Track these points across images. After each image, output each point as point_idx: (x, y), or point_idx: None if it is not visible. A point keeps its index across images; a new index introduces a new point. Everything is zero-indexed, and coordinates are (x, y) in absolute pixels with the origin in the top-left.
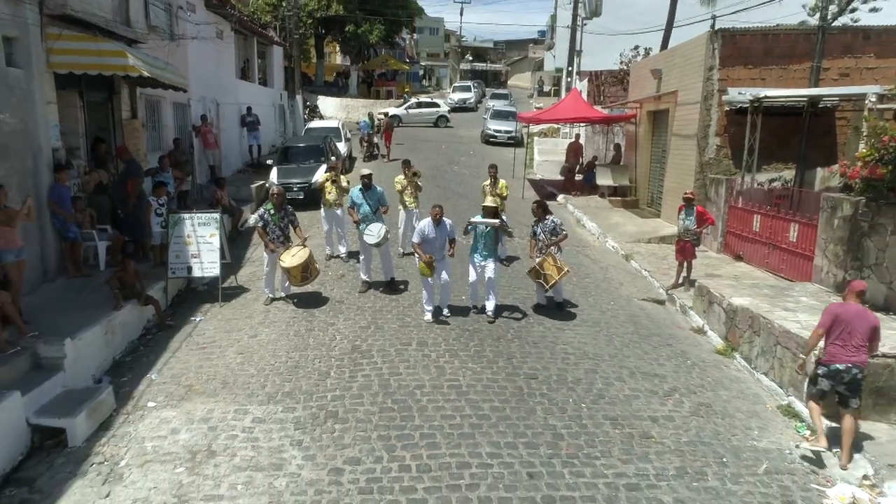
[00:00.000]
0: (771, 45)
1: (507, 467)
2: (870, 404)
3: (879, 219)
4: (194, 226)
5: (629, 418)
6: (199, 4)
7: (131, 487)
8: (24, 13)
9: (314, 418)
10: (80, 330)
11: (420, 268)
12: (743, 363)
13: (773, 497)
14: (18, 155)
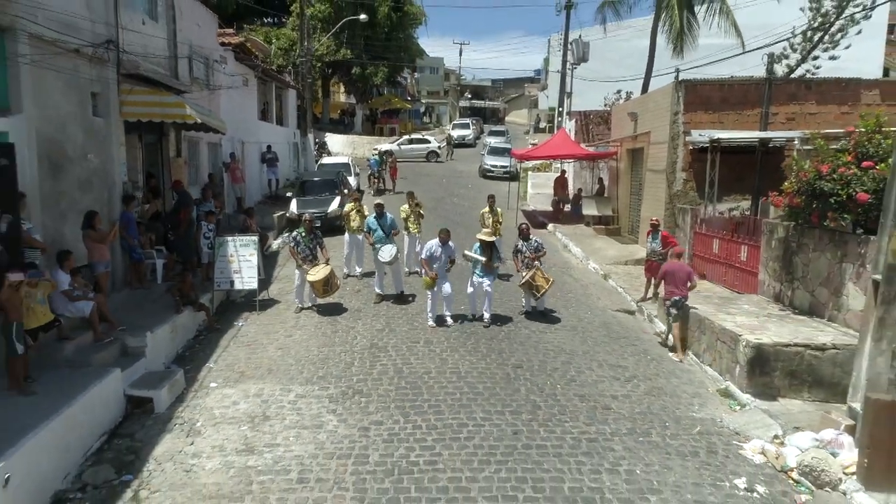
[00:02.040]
0: (727, 93)
1: (495, 427)
2: (786, 384)
3: (803, 240)
4: (236, 247)
5: (594, 396)
6: (230, 58)
7: (209, 439)
8: (107, 74)
9: (344, 394)
10: (155, 327)
11: (424, 281)
12: (694, 358)
13: (701, 448)
14: (99, 188)
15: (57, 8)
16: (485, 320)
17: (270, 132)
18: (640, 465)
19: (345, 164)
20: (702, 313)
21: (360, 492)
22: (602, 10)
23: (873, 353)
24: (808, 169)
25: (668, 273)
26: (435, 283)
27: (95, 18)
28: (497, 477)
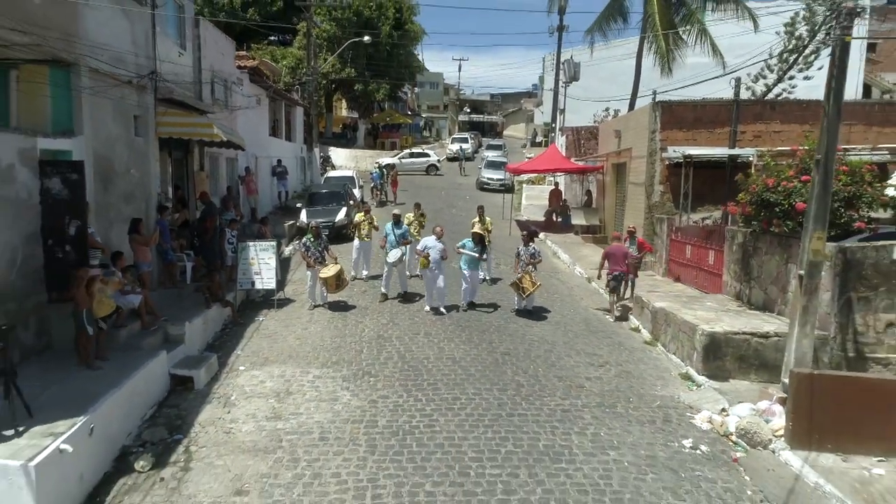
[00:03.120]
0: (700, 113)
1: (484, 400)
2: (736, 367)
3: (757, 244)
4: (257, 251)
5: (570, 377)
6: (245, 80)
7: (242, 408)
8: (147, 99)
9: (355, 375)
10: (190, 319)
11: (421, 262)
12: (662, 349)
13: (658, 418)
14: (139, 199)
15: (110, 45)
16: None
17: (280, 147)
18: (604, 429)
19: (350, 177)
20: (668, 309)
21: (371, 447)
22: (591, 33)
23: (799, 336)
24: (758, 182)
25: (609, 254)
26: (429, 262)
27: (139, 52)
28: (484, 437)
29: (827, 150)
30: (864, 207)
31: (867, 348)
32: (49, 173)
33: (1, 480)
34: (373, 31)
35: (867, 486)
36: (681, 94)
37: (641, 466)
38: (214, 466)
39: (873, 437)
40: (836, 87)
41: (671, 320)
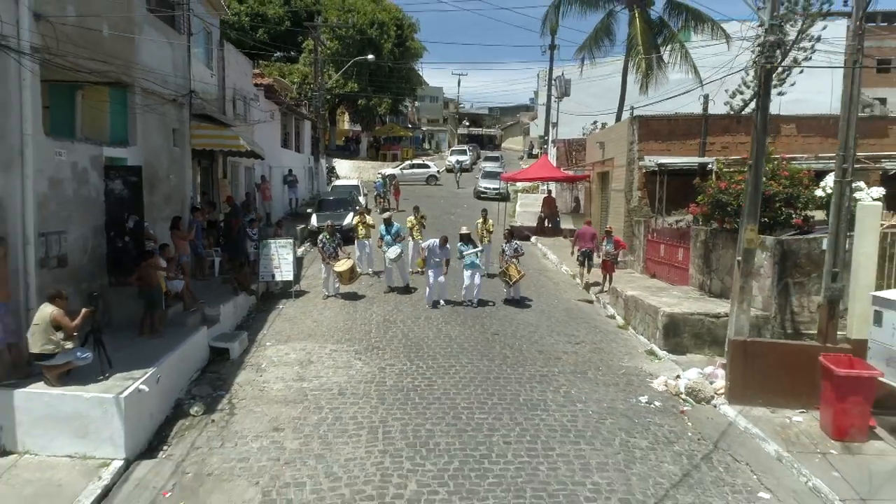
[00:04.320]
0: (673, 126)
1: (475, 367)
2: (692, 343)
3: (716, 240)
4: (277, 247)
5: (549, 351)
6: (261, 96)
7: (272, 373)
8: (183, 114)
9: (366, 349)
10: (223, 304)
11: (417, 262)
12: (632, 331)
13: (622, 381)
14: (176, 201)
15: (157, 69)
16: (473, 303)
17: (290, 158)
18: (574, 389)
19: (355, 185)
20: (638, 296)
21: (381, 399)
22: (581, 52)
23: (738, 312)
24: (713, 185)
25: (580, 234)
26: (425, 262)
27: (178, 74)
28: (474, 393)
29: (756, 158)
30: (801, 207)
31: (802, 326)
32: (112, 176)
33: (97, 409)
34: (375, 49)
35: (786, 429)
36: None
37: (603, 415)
38: (254, 413)
39: (795, 393)
40: (763, 106)
41: (639, 306)
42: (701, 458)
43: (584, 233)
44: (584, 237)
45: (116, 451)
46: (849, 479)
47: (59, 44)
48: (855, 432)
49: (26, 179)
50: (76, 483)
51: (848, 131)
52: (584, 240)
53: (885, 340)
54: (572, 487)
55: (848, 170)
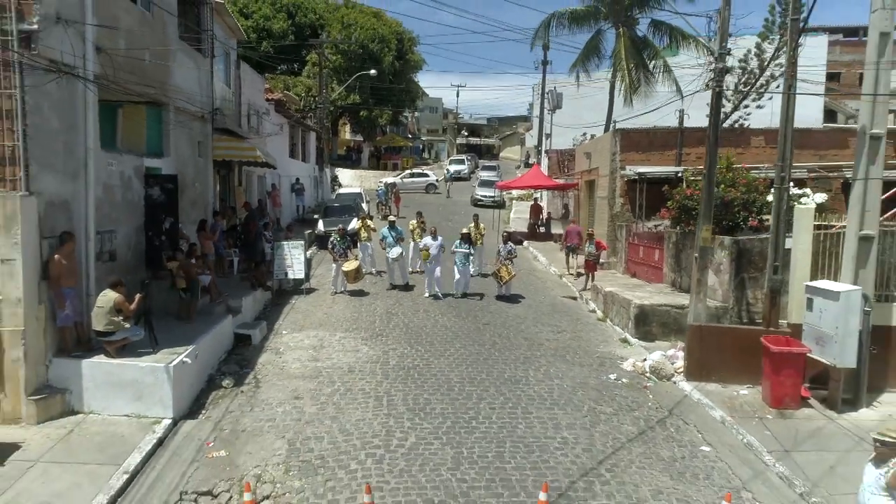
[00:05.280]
0: (652, 138)
1: (467, 351)
2: (660, 332)
3: (685, 241)
4: (290, 248)
5: (534, 338)
6: (272, 109)
7: (289, 355)
8: (207, 128)
9: (371, 336)
10: (243, 297)
11: (423, 254)
12: (609, 323)
13: (595, 363)
14: (200, 206)
15: (186, 89)
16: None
17: (298, 167)
18: (553, 368)
19: (358, 193)
20: (615, 291)
21: (385, 375)
22: (574, 68)
23: (695, 301)
24: (680, 192)
25: (567, 232)
26: (430, 255)
27: (203, 92)
28: (465, 371)
29: (709, 167)
30: (756, 211)
31: (756, 315)
32: (151, 183)
33: (151, 376)
34: (376, 62)
35: (733, 399)
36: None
37: (575, 388)
38: (276, 385)
39: (743, 371)
40: (714, 122)
41: (616, 300)
42: (656, 421)
43: (570, 231)
44: (570, 234)
45: (166, 411)
46: (777, 437)
47: (114, 71)
48: (789, 401)
49: (88, 186)
50: (135, 435)
51: (785, 145)
52: (570, 236)
53: (814, 323)
54: (544, 441)
55: (785, 178)
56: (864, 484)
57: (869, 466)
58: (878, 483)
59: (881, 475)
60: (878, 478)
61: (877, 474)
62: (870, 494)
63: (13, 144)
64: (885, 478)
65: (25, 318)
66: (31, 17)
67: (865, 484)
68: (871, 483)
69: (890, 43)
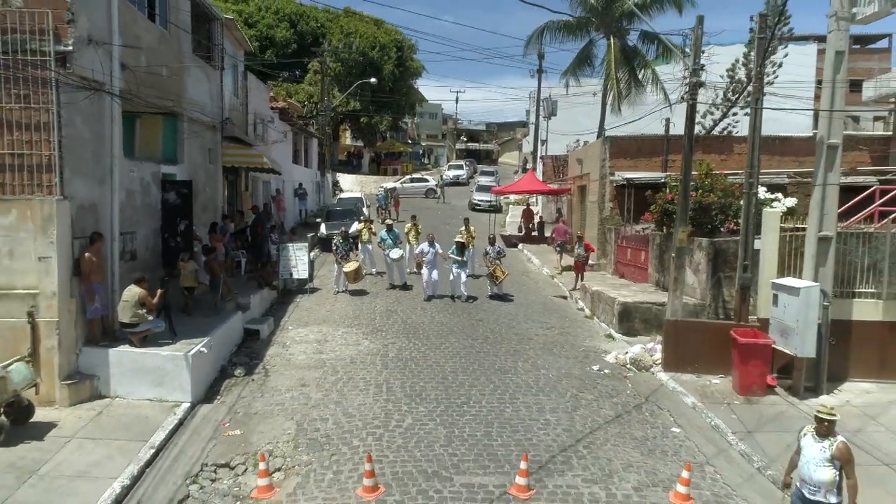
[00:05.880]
0: (640, 145)
1: (461, 344)
2: (642, 327)
3: (667, 243)
4: (295, 249)
5: (524, 333)
6: (276, 117)
7: (296, 348)
8: (217, 137)
9: (371, 331)
10: (251, 295)
11: (417, 262)
12: (596, 320)
13: (580, 355)
14: (211, 209)
15: (199, 101)
16: (463, 298)
17: (300, 173)
18: (540, 360)
19: (359, 198)
20: (601, 290)
21: (384, 365)
22: (566, 76)
23: (672, 298)
24: (662, 197)
25: (556, 230)
26: (423, 265)
27: (213, 104)
28: (459, 362)
29: (685, 174)
30: (732, 214)
31: (732, 311)
32: (167, 189)
33: (171, 363)
34: (376, 69)
35: (705, 388)
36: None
37: (560, 377)
38: (284, 374)
39: (716, 363)
40: (689, 132)
41: (602, 298)
42: (633, 406)
43: (558, 229)
44: (559, 232)
45: (185, 395)
46: (742, 420)
47: (137, 86)
48: (756, 388)
49: (113, 191)
50: (158, 416)
51: (752, 153)
52: (559, 234)
53: (779, 317)
54: (529, 422)
55: (753, 183)
56: (807, 457)
57: (808, 439)
58: (823, 455)
59: (825, 448)
60: (822, 450)
61: (820, 447)
62: (815, 466)
63: (49, 154)
64: (829, 451)
65: (59, 311)
66: (66, 40)
67: (809, 457)
68: (815, 456)
69: (845, 60)
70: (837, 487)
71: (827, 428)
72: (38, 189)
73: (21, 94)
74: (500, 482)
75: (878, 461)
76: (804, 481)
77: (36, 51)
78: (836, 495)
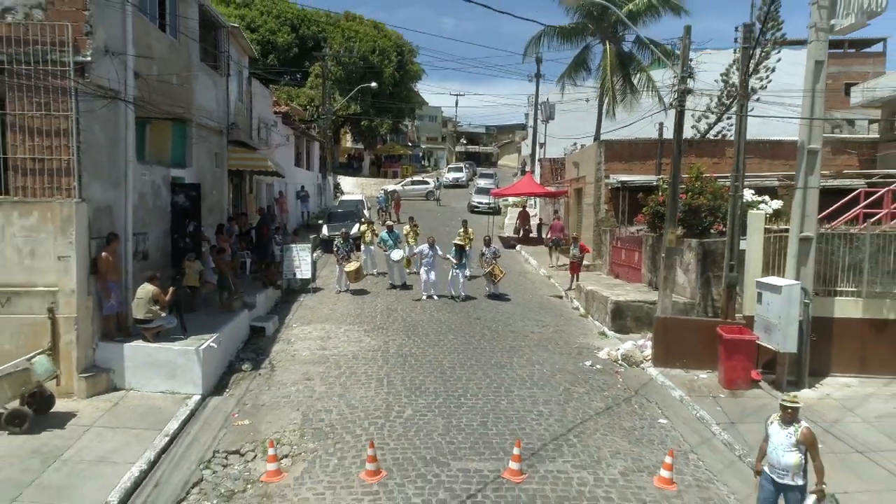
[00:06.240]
0: (634, 149)
1: (459, 341)
2: (634, 325)
3: (658, 244)
4: (298, 250)
5: (520, 331)
6: (280, 122)
7: (300, 345)
8: (223, 141)
9: (373, 328)
10: (257, 294)
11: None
12: (591, 318)
13: (574, 352)
14: (217, 211)
15: (207, 107)
16: (461, 297)
17: (302, 175)
18: (535, 356)
19: (360, 200)
20: (595, 290)
21: (385, 361)
22: (562, 80)
23: (663, 296)
24: (653, 199)
25: (551, 227)
26: (411, 262)
27: (220, 109)
28: (457, 358)
29: (674, 177)
30: (721, 216)
31: (720, 309)
32: (177, 191)
33: (183, 358)
34: (377, 73)
35: (693, 382)
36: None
37: (554, 372)
38: (289, 369)
39: (704, 358)
40: (678, 138)
41: (596, 297)
42: (623, 399)
43: (553, 226)
44: (554, 229)
45: (196, 388)
46: (727, 412)
47: (149, 94)
48: (740, 382)
49: (127, 194)
50: (170, 407)
51: (738, 158)
52: (554, 231)
53: (763, 314)
54: (522, 413)
55: (739, 187)
56: (774, 444)
57: (775, 427)
58: (789, 441)
59: (791, 434)
60: (787, 436)
61: (786, 433)
62: (783, 451)
63: (69, 158)
64: (794, 436)
65: (77, 307)
66: (85, 51)
67: (777, 443)
68: (782, 442)
69: (824, 69)
70: (804, 470)
71: (791, 415)
72: (58, 192)
73: (42, 102)
74: (495, 467)
75: (853, 449)
76: (773, 466)
77: (56, 61)
78: (802, 478)
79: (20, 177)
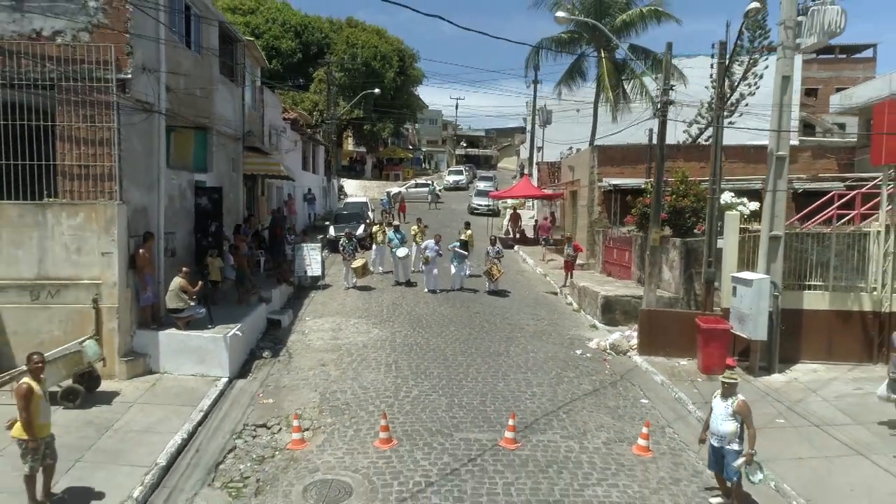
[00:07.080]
0: (626, 153)
1: (460, 332)
2: (623, 318)
3: (645, 243)
4: (309, 249)
5: (516, 324)
6: (288, 127)
7: (314, 335)
8: (239, 147)
9: (380, 321)
10: (272, 289)
11: (423, 258)
12: (583, 313)
13: (566, 342)
14: (233, 213)
15: (225, 116)
16: (461, 287)
17: (309, 179)
18: (530, 345)
19: (364, 202)
20: (587, 286)
21: (392, 349)
22: (557, 87)
23: (648, 291)
24: (641, 202)
25: (540, 226)
26: (430, 260)
27: (236, 117)
28: (458, 347)
29: (657, 181)
30: (704, 217)
31: (701, 304)
32: (200, 194)
33: (212, 344)
34: (379, 78)
35: (674, 368)
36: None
37: (546, 359)
38: (306, 357)
39: (685, 347)
40: (660, 144)
41: (587, 293)
42: (609, 383)
43: (542, 225)
44: (543, 228)
45: (223, 371)
46: (702, 393)
47: (178, 105)
48: (716, 368)
49: (160, 197)
50: (202, 388)
51: (715, 164)
52: (543, 229)
53: (737, 306)
54: (517, 393)
55: (716, 190)
56: (715, 414)
57: (717, 400)
58: (727, 412)
59: (728, 405)
60: (725, 408)
61: (725, 405)
62: (721, 420)
63: (111, 165)
64: (731, 407)
65: (119, 298)
66: (126, 69)
67: (716, 413)
68: (721, 412)
69: (790, 84)
70: (739, 437)
71: (728, 389)
72: (101, 195)
73: (87, 114)
74: (492, 437)
75: (810, 423)
76: (713, 433)
77: (101, 78)
78: (738, 444)
79: (68, 181)
